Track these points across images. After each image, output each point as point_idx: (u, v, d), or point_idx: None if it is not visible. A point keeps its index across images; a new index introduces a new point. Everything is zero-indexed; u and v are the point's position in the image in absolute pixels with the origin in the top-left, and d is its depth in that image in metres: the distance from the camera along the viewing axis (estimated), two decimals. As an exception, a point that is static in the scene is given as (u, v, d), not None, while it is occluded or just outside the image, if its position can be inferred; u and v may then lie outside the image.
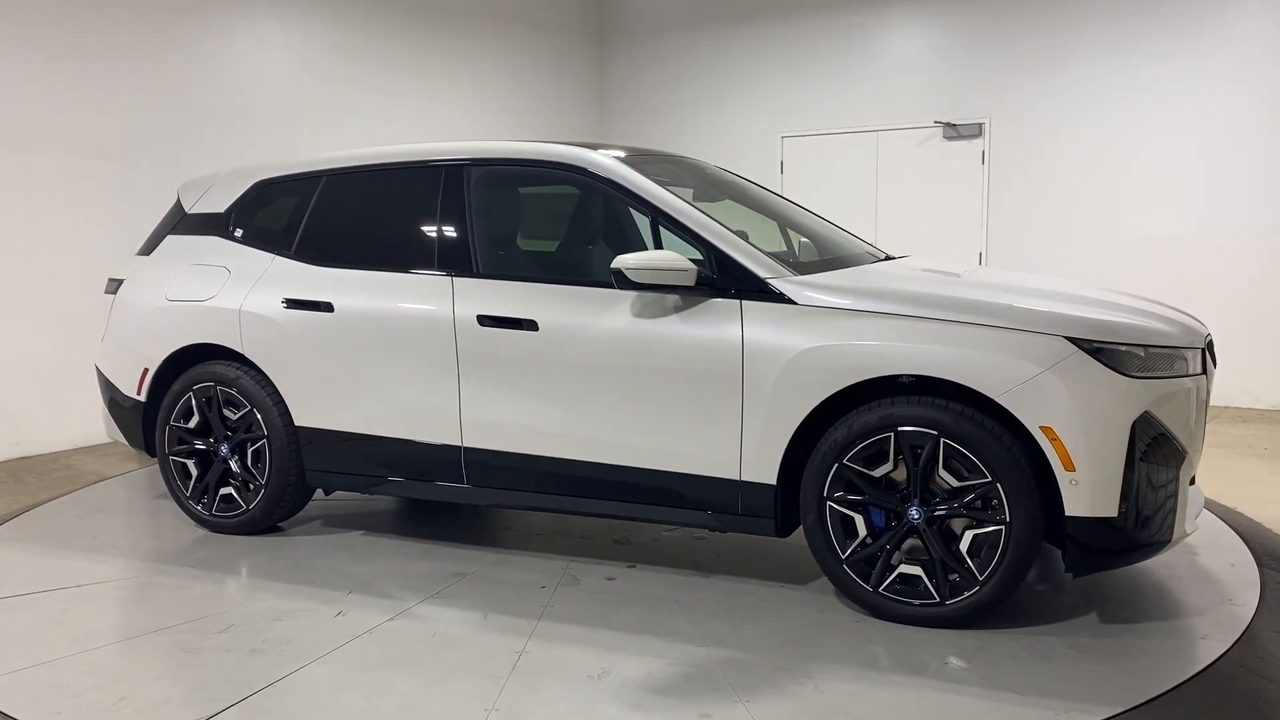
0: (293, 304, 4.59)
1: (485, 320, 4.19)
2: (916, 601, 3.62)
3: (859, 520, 3.67)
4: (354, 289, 4.51)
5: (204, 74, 7.54)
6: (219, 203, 5.02)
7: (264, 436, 4.69)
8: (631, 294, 3.95)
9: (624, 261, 3.81)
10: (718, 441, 3.84)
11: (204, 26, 7.51)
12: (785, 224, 4.89)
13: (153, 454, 5.04)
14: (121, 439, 5.18)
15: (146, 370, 4.94)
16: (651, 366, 3.92)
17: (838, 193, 9.37)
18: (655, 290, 3.86)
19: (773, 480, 3.78)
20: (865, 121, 9.55)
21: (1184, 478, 3.59)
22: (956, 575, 3.57)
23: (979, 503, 3.51)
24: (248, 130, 7.77)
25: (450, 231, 4.41)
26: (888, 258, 5.05)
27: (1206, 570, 4.17)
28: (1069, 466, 3.40)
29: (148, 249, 5.21)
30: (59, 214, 6.82)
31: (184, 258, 5.00)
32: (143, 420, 5.02)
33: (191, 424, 4.86)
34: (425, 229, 4.48)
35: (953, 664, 3.33)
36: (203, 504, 4.90)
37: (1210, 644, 3.44)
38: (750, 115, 10.18)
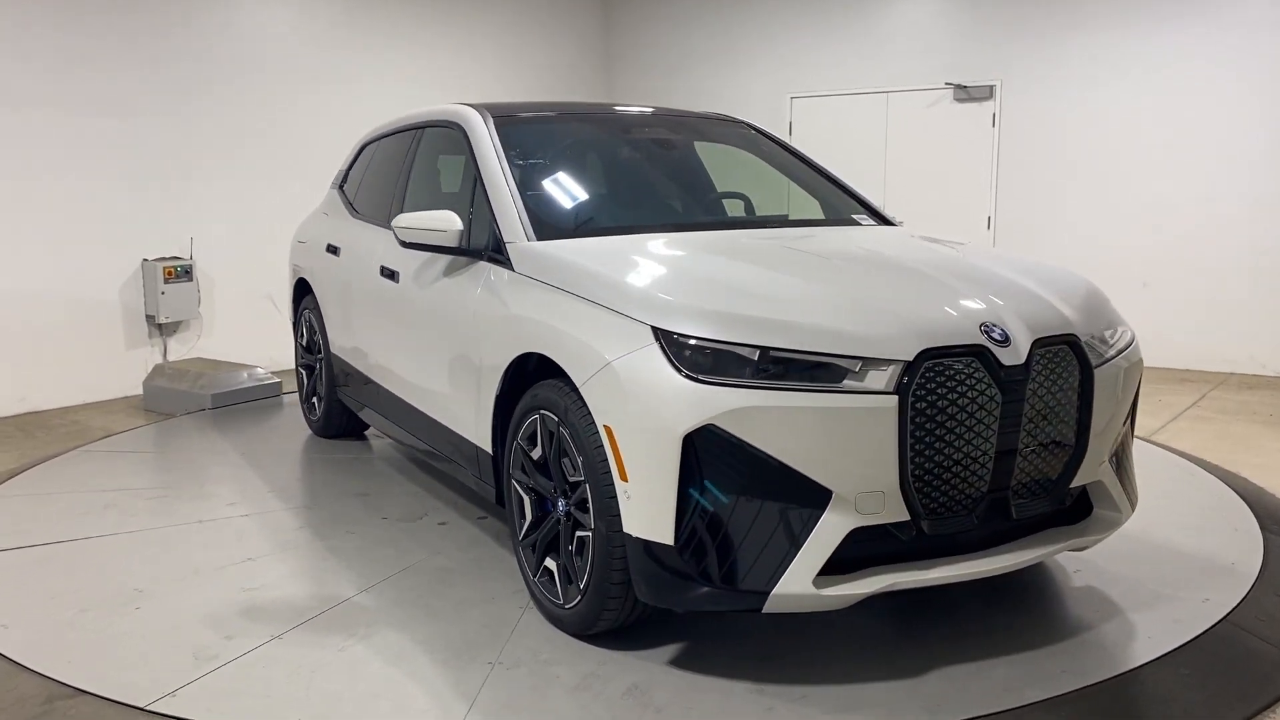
0: (328, 248, 5.43)
1: (382, 271, 4.61)
2: (551, 600, 3.34)
3: (528, 502, 3.47)
4: (353, 238, 5.18)
5: (208, 33, 7.61)
6: (348, 161, 6.00)
7: (323, 357, 5.64)
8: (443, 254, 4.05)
9: (396, 221, 3.97)
10: (463, 404, 3.86)
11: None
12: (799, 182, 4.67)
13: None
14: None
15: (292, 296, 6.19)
16: (434, 325, 4.06)
17: (847, 154, 9.10)
18: (426, 250, 3.96)
19: (489, 448, 3.71)
20: (875, 82, 9.42)
21: (830, 523, 2.76)
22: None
23: (581, 503, 3.13)
24: (252, 90, 7.91)
25: (400, 188, 4.86)
26: (885, 222, 4.41)
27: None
28: (623, 476, 2.89)
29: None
30: (63, 171, 6.86)
31: (323, 207, 6.09)
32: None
33: (304, 341, 5.98)
34: (394, 187, 4.97)
35: (496, 667, 3.09)
36: (305, 408, 6.03)
37: (1212, 607, 3.43)
38: (759, 76, 10.06)
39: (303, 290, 5.95)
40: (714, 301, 2.95)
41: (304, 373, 6.04)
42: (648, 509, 2.84)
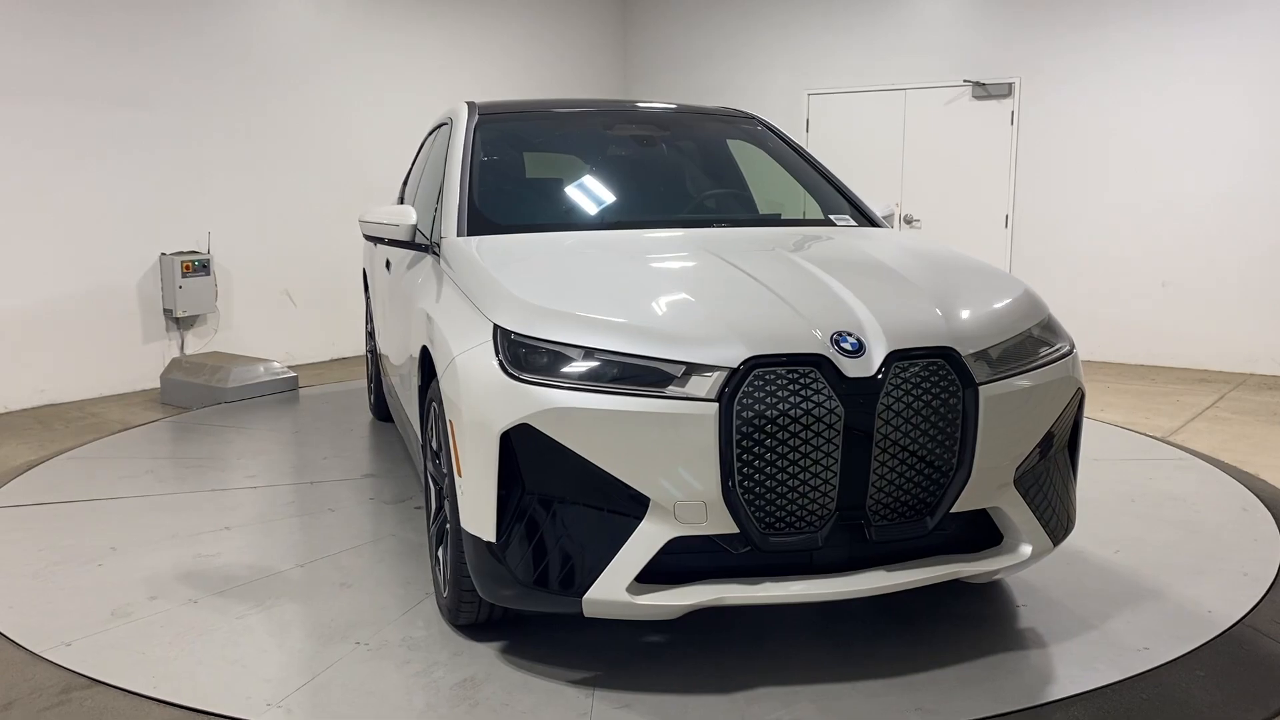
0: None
1: (386, 264, 4.83)
2: (439, 588, 3.42)
3: (433, 490, 3.56)
4: (387, 230, 5.44)
5: (229, 28, 7.67)
6: (414, 156, 6.28)
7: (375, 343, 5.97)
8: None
9: (361, 215, 4.15)
10: (409, 391, 4.00)
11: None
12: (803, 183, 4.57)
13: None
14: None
15: (365, 284, 6.56)
16: (397, 315, 4.24)
17: (864, 151, 9.21)
18: (382, 243, 4.11)
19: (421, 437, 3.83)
20: (893, 79, 9.36)
21: (647, 531, 2.70)
22: (462, 571, 3.29)
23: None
24: (272, 86, 7.96)
25: (416, 183, 5.07)
26: (871, 222, 4.25)
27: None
28: (459, 471, 2.93)
29: (406, 191, 6.72)
30: (81, 165, 6.90)
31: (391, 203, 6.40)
32: (373, 321, 6.66)
33: (369, 328, 6.33)
34: (417, 181, 5.18)
35: (359, 647, 3.20)
36: (368, 390, 6.39)
37: (1228, 609, 3.42)
38: (776, 72, 10.02)
39: (366, 281, 6.30)
40: (554, 301, 2.94)
41: (369, 357, 6.39)
42: (475, 505, 2.87)
